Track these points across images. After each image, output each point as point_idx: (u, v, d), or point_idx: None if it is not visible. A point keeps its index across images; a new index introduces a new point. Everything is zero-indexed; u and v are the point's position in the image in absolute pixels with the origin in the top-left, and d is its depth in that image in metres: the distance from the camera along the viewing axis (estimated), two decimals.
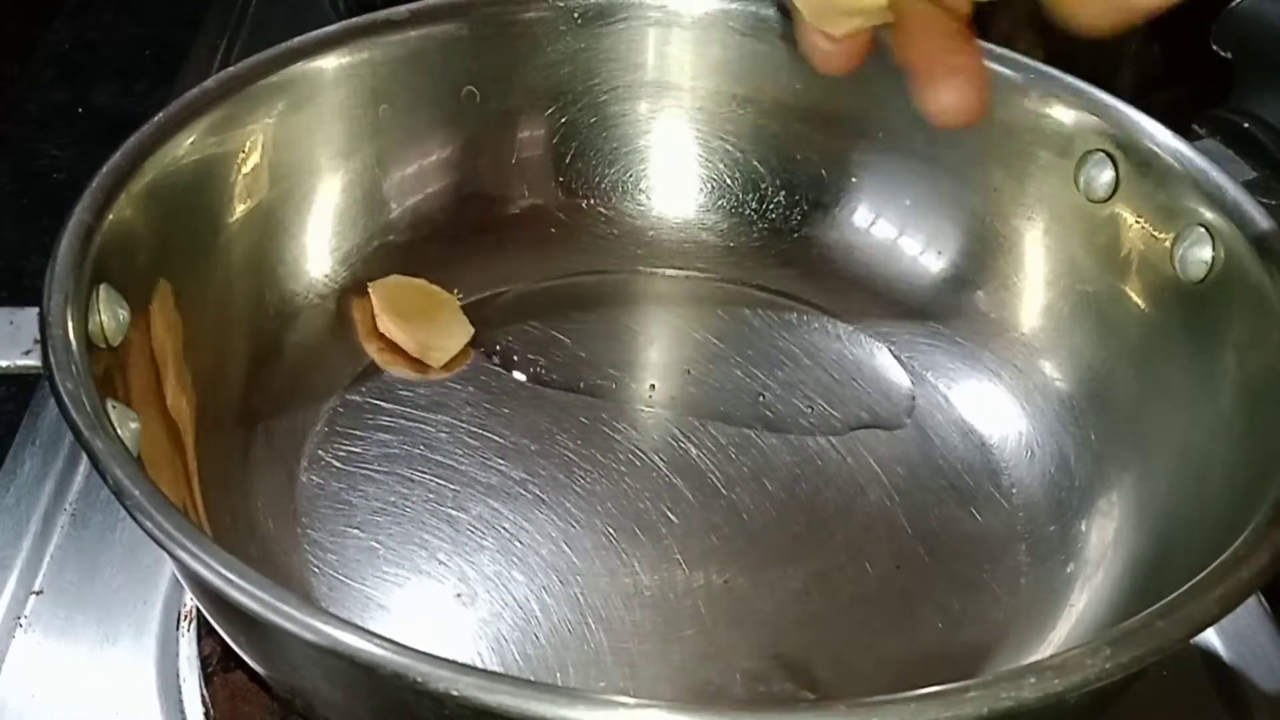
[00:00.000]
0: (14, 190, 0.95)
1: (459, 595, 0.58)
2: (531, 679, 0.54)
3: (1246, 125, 0.80)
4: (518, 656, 0.56)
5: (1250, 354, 0.57)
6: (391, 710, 0.44)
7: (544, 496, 0.63)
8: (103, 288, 0.53)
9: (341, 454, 0.64)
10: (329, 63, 0.68)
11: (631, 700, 0.37)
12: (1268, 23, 0.84)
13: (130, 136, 0.59)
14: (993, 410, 0.69)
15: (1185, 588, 0.44)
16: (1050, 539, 0.62)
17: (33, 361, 0.52)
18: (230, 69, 0.65)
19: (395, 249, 0.73)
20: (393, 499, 0.62)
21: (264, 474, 0.62)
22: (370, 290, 0.71)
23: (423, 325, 0.69)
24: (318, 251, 0.70)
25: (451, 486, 0.63)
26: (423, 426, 0.66)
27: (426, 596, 0.58)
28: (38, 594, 0.61)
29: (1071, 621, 0.57)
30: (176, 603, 0.61)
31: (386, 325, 0.69)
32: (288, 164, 0.68)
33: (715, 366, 0.71)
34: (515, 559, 0.60)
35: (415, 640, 0.55)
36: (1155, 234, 0.63)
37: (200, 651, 0.58)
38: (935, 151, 0.73)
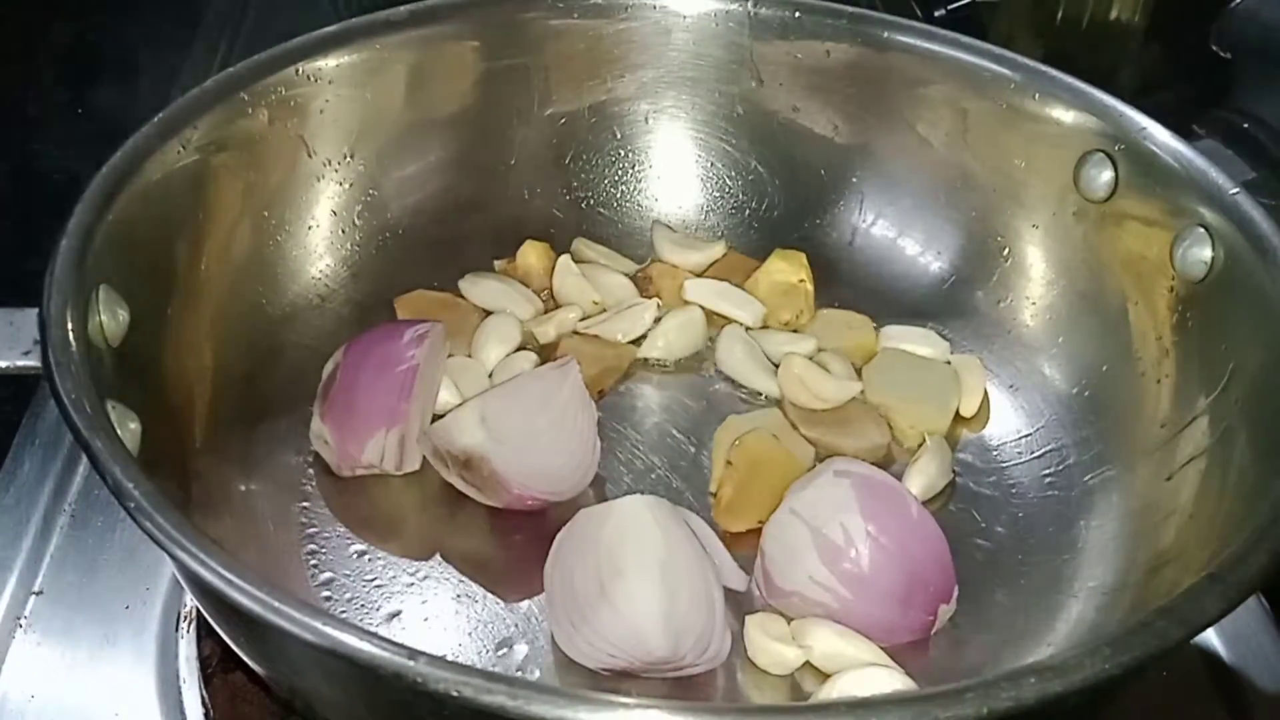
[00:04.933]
0: (14, 190, 0.95)
1: (458, 596, 0.58)
2: (531, 679, 0.54)
3: (1246, 125, 0.80)
4: (518, 657, 0.56)
5: (1250, 354, 0.57)
6: (391, 710, 0.44)
7: None
8: (103, 288, 0.53)
9: None
10: (329, 63, 0.68)
11: (631, 700, 0.38)
12: (1267, 23, 0.84)
13: (130, 136, 0.59)
14: (992, 410, 0.69)
15: (1185, 588, 0.44)
16: (1050, 539, 0.62)
17: (33, 362, 0.52)
18: (230, 69, 0.65)
19: (395, 249, 0.73)
20: (393, 499, 0.62)
21: (264, 475, 0.62)
22: (396, 305, 0.71)
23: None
24: (317, 251, 0.70)
25: (452, 487, 0.63)
26: None
27: (426, 597, 0.58)
28: (38, 594, 0.61)
29: (1071, 621, 0.57)
30: (176, 604, 0.61)
31: None
32: (288, 164, 0.68)
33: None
34: (515, 559, 0.60)
35: (416, 640, 0.56)
36: (1155, 234, 0.63)
37: (200, 652, 0.58)
38: (935, 152, 0.73)
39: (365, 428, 0.61)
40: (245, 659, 0.52)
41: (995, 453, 0.67)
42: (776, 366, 0.70)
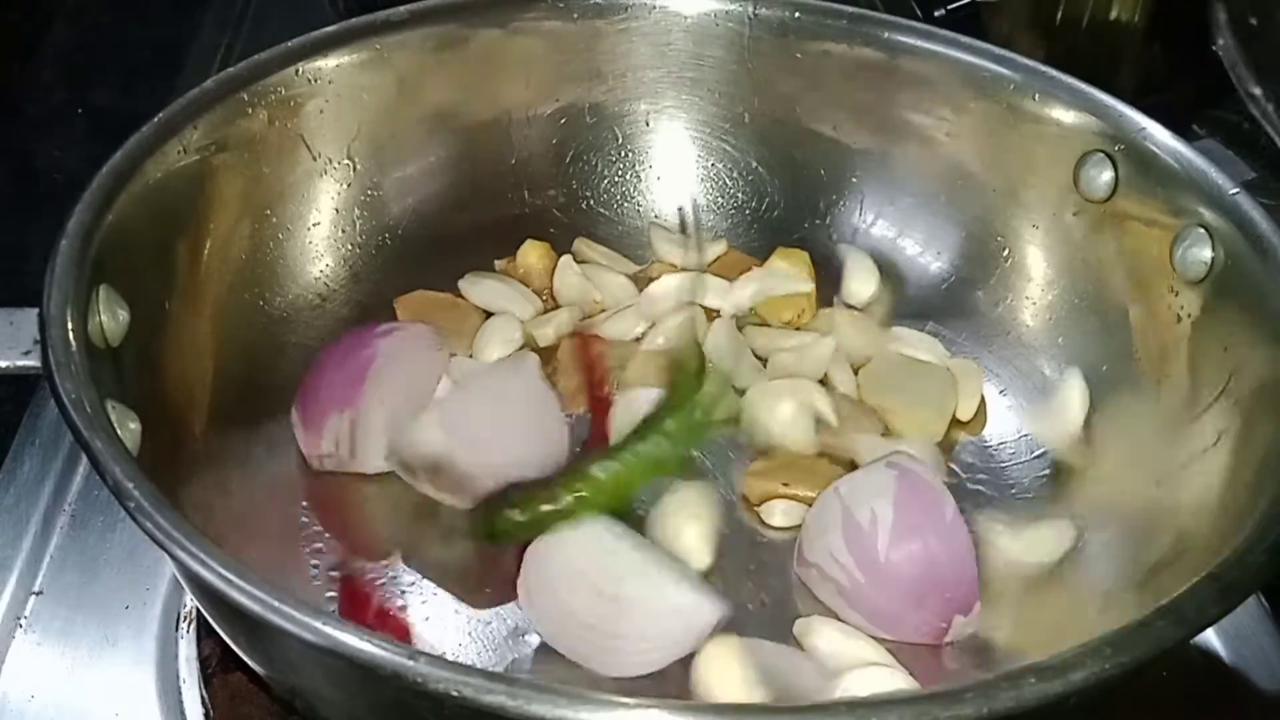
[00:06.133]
0: (14, 190, 0.95)
1: (460, 593, 0.58)
2: (531, 679, 0.54)
3: (1246, 125, 0.80)
4: (518, 657, 0.56)
5: (1250, 354, 0.57)
6: (391, 710, 0.44)
7: None
8: (103, 288, 0.53)
9: None
10: (329, 63, 0.68)
11: (631, 700, 0.38)
12: None
13: (130, 136, 0.59)
14: (992, 410, 0.69)
15: (1185, 588, 0.44)
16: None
17: (33, 362, 0.52)
18: (230, 69, 0.65)
19: (395, 249, 0.73)
20: (395, 497, 0.62)
21: (264, 475, 0.62)
22: (396, 305, 0.71)
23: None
24: (317, 251, 0.70)
25: None
26: None
27: (429, 595, 0.58)
28: (38, 594, 0.61)
29: (1071, 622, 0.57)
30: (176, 604, 0.61)
31: None
32: (287, 164, 0.68)
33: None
34: (517, 555, 0.60)
35: (416, 641, 0.56)
36: (1155, 234, 0.63)
37: (200, 653, 0.58)
38: (935, 152, 0.73)
39: (322, 412, 0.62)
40: (245, 659, 0.52)
41: (995, 453, 0.67)
42: (764, 361, 0.70)
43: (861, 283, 0.74)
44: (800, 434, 0.66)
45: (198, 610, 0.59)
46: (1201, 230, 0.61)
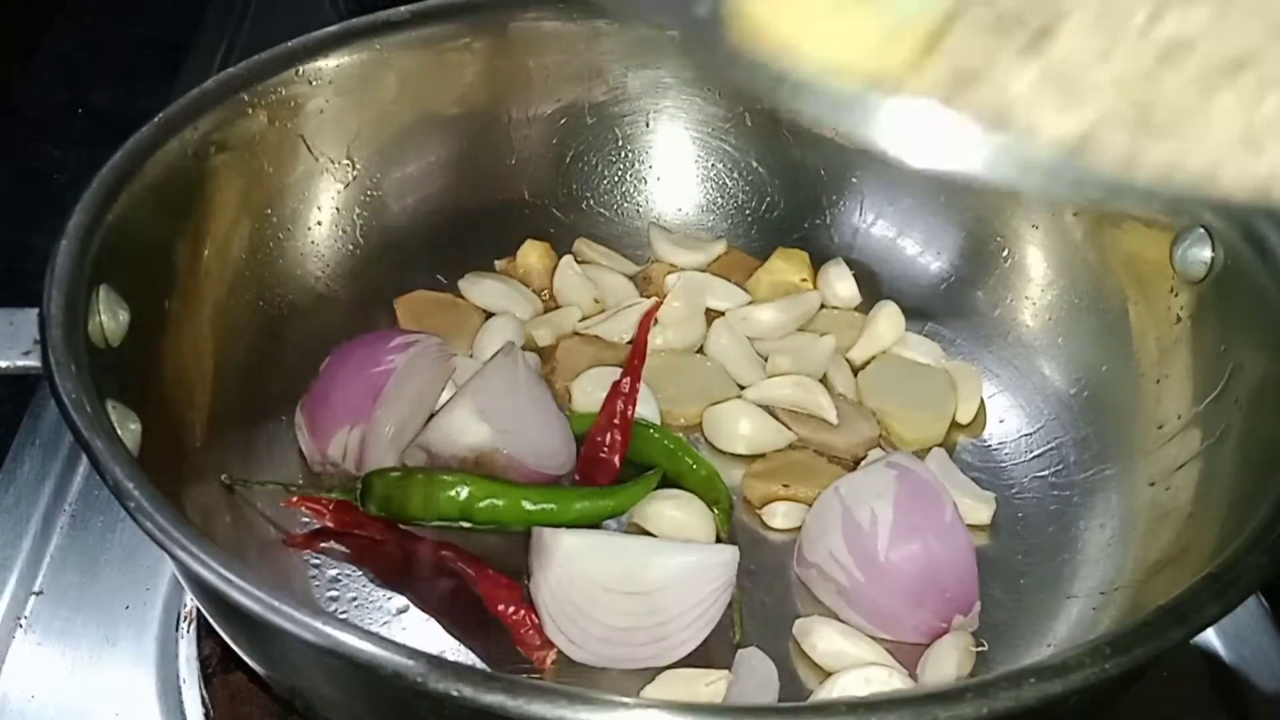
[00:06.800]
0: (14, 190, 0.95)
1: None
2: (531, 679, 0.54)
3: None
4: (517, 657, 0.56)
5: (1250, 354, 0.57)
6: (391, 710, 0.44)
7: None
8: (103, 288, 0.53)
9: None
10: (329, 63, 0.68)
11: (631, 700, 0.38)
12: None
13: (130, 136, 0.59)
14: (992, 410, 0.69)
15: (1185, 588, 0.44)
16: (1049, 539, 0.62)
17: (33, 362, 0.52)
18: (230, 69, 0.65)
19: (395, 249, 0.73)
20: None
21: (264, 474, 0.62)
22: (396, 305, 0.71)
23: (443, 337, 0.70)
24: (317, 251, 0.70)
25: None
26: None
27: (432, 592, 0.58)
28: (38, 594, 0.61)
29: (1071, 622, 0.57)
30: (176, 604, 0.61)
31: None
32: (288, 164, 0.68)
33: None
34: (520, 550, 0.60)
35: (422, 636, 0.56)
36: (1155, 234, 0.63)
37: (200, 653, 0.58)
38: None
39: (333, 423, 0.62)
40: (245, 659, 0.52)
41: (995, 453, 0.67)
42: (766, 359, 0.70)
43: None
44: (771, 436, 0.66)
45: (198, 610, 0.59)
46: (1201, 230, 0.61)
